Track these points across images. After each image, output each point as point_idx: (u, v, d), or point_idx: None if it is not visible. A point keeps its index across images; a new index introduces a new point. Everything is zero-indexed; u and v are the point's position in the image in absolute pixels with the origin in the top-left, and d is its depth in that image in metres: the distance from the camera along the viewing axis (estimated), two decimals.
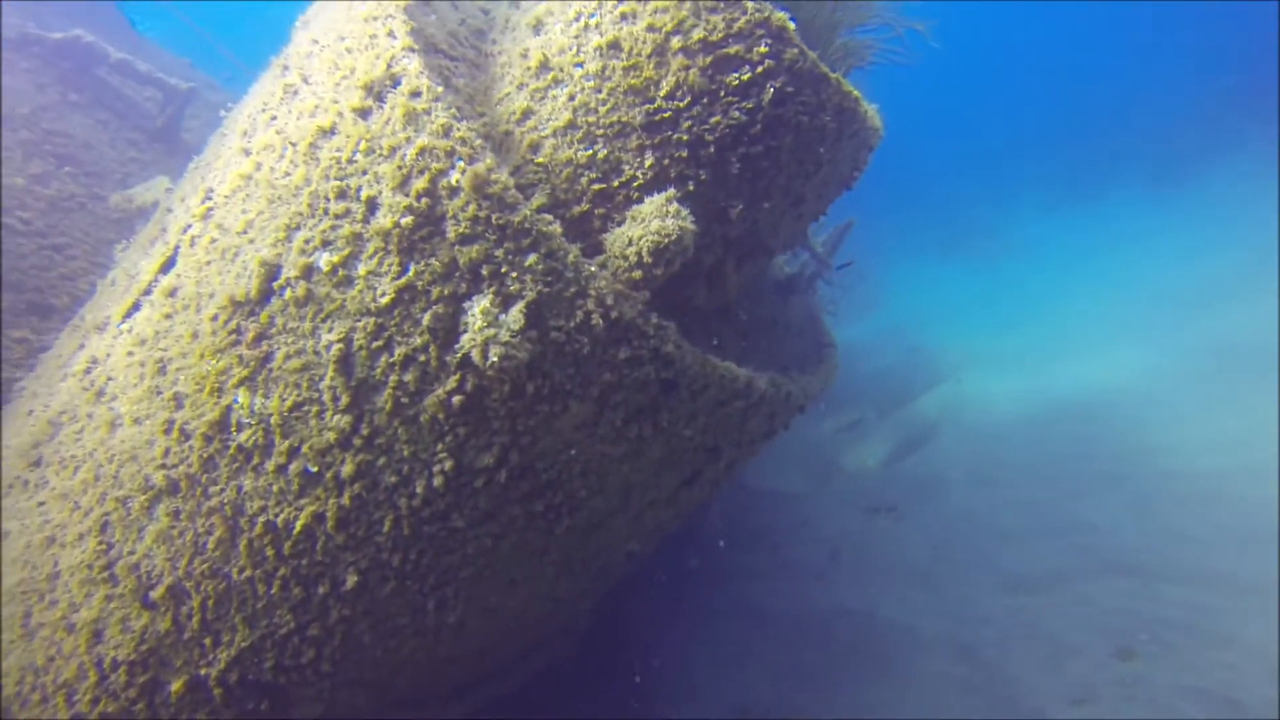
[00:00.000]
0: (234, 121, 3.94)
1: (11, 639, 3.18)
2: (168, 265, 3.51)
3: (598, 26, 2.74)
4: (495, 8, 4.06)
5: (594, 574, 3.68)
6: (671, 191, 2.49)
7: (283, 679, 2.91)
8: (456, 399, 2.46)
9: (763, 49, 2.56)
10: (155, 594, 2.84)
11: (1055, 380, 10.80)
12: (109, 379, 3.31)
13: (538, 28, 3.05)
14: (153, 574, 2.86)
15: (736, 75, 2.59)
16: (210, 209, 3.18)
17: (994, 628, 6.25)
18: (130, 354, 3.21)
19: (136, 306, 3.57)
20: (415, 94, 2.47)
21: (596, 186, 2.75)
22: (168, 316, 3.05)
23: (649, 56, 2.64)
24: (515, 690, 5.16)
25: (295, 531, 2.66)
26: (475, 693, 3.83)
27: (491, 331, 2.26)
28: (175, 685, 2.88)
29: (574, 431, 2.61)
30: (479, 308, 2.31)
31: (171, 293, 3.11)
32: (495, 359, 2.26)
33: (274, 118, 3.09)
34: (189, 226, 3.42)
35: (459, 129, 2.38)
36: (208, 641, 2.84)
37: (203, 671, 2.87)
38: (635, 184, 2.72)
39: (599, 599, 4.80)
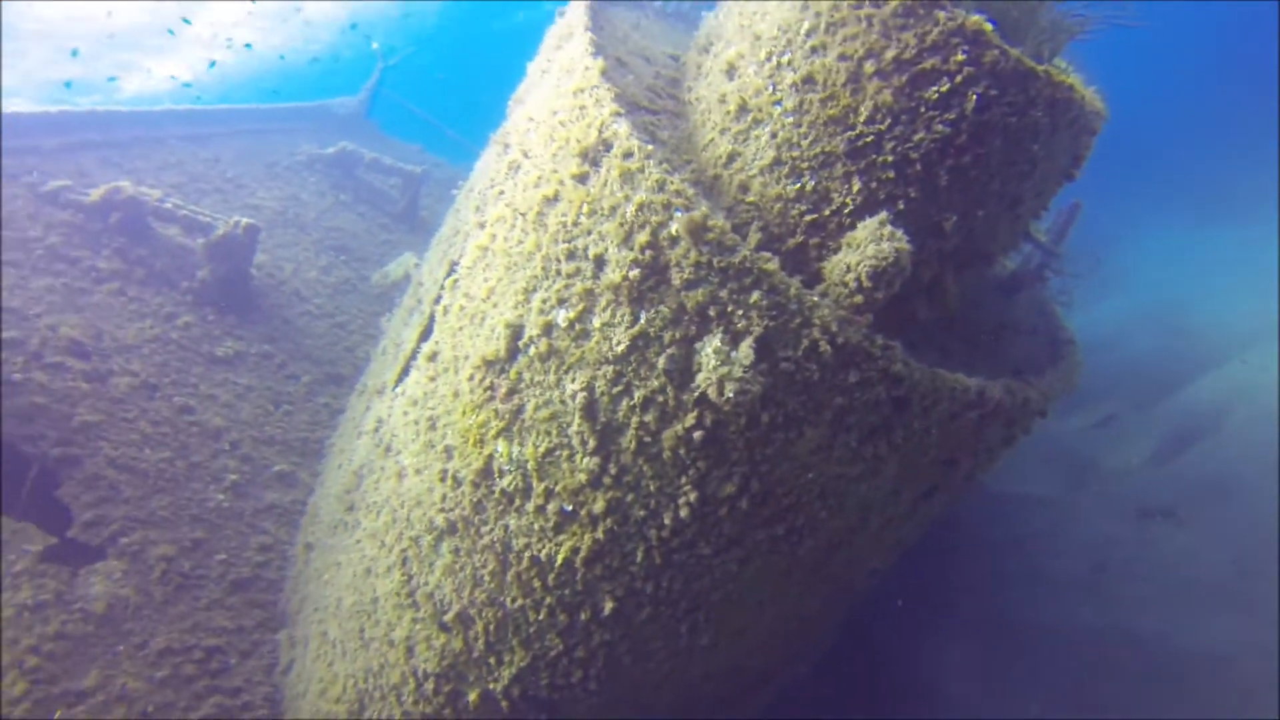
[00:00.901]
0: (465, 197, 4.49)
1: (355, 647, 3.84)
2: (426, 333, 4.07)
3: (790, 64, 2.81)
4: (684, 54, 4.28)
5: (840, 591, 3.68)
6: (884, 215, 2.49)
7: (556, 695, 3.23)
8: (697, 434, 2.61)
9: (960, 57, 2.48)
10: (448, 618, 3.29)
11: None
12: (393, 436, 3.90)
13: (730, 72, 3.19)
14: (445, 601, 3.31)
15: (935, 89, 2.54)
16: (456, 280, 3.66)
17: None
18: (406, 413, 3.77)
19: (406, 371, 4.17)
20: (628, 155, 2.69)
21: (808, 218, 2.81)
22: (432, 379, 3.55)
23: (844, 85, 2.66)
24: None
25: (557, 564, 2.96)
26: (731, 710, 3.96)
27: (725, 369, 2.39)
28: (472, 696, 3.31)
29: (810, 456, 2.67)
30: (711, 347, 2.45)
31: (433, 357, 3.61)
32: (731, 394, 2.38)
33: (502, 192, 3.50)
34: (440, 297, 3.95)
35: (673, 182, 2.56)
36: (492, 660, 3.23)
37: (491, 686, 3.27)
38: (846, 210, 2.74)
39: (845, 615, 4.74)
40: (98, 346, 5.34)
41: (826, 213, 2.77)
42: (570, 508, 2.89)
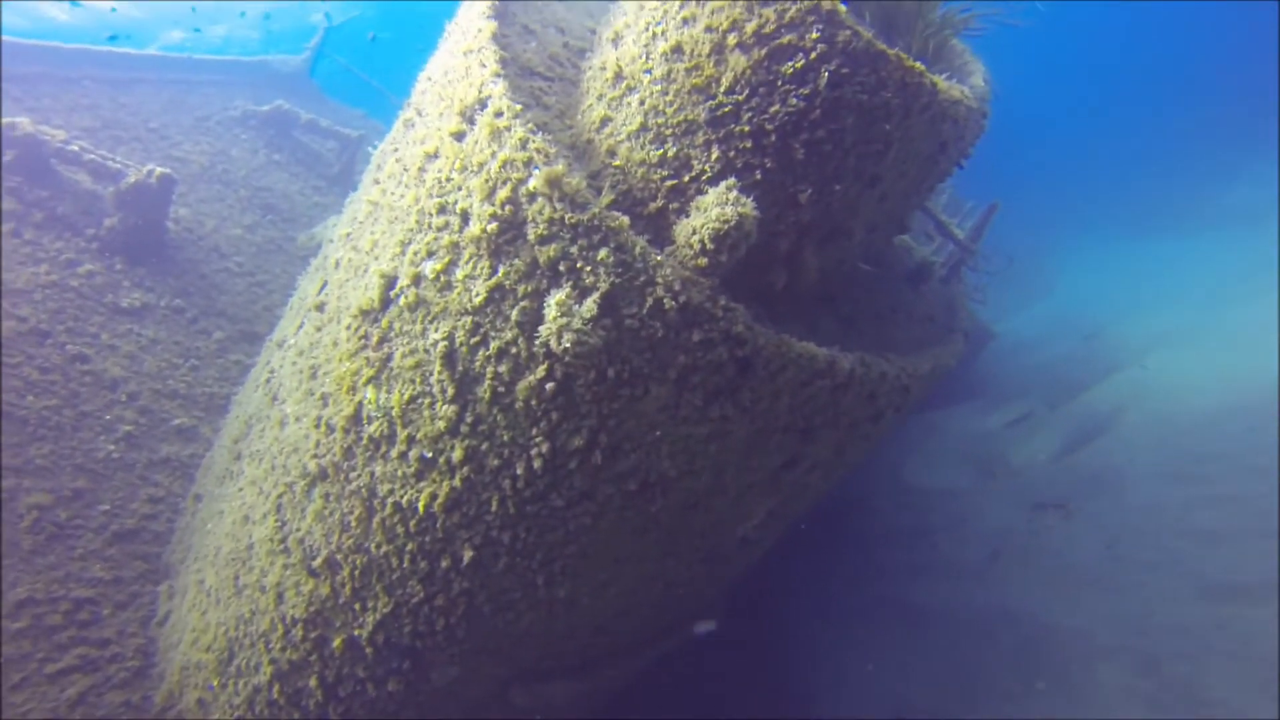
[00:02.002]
0: (375, 157, 4.49)
1: (228, 595, 3.84)
2: (323, 286, 4.07)
3: (663, 33, 2.90)
4: (601, 29, 4.33)
5: (706, 558, 3.79)
6: (731, 180, 2.59)
7: (419, 644, 3.29)
8: (548, 386, 2.70)
9: (814, 35, 2.59)
10: (316, 563, 3.32)
11: (1258, 364, 9.47)
12: (280, 385, 3.90)
13: (616, 40, 3.26)
14: (314, 547, 3.35)
15: (791, 64, 2.65)
16: (349, 234, 3.68)
17: (1190, 640, 5.62)
18: (294, 363, 3.78)
19: (302, 325, 4.17)
20: (499, 114, 2.75)
21: (669, 183, 2.90)
22: (318, 329, 3.57)
23: (708, 55, 2.76)
24: (663, 682, 5.28)
25: (419, 511, 3.02)
26: (605, 668, 4.06)
27: (565, 320, 2.47)
28: (336, 642, 3.36)
29: (657, 413, 2.77)
30: (555, 300, 2.53)
31: (320, 308, 3.63)
32: (569, 344, 2.47)
33: (396, 149, 3.53)
34: (338, 251, 3.96)
35: (535, 141, 2.63)
36: (358, 606, 3.28)
37: (356, 632, 3.32)
38: (704, 177, 2.84)
39: (726, 585, 4.88)
40: None
41: (686, 179, 2.86)
42: (430, 455, 2.95)
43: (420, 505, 3.01)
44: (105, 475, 4.82)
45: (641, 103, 2.93)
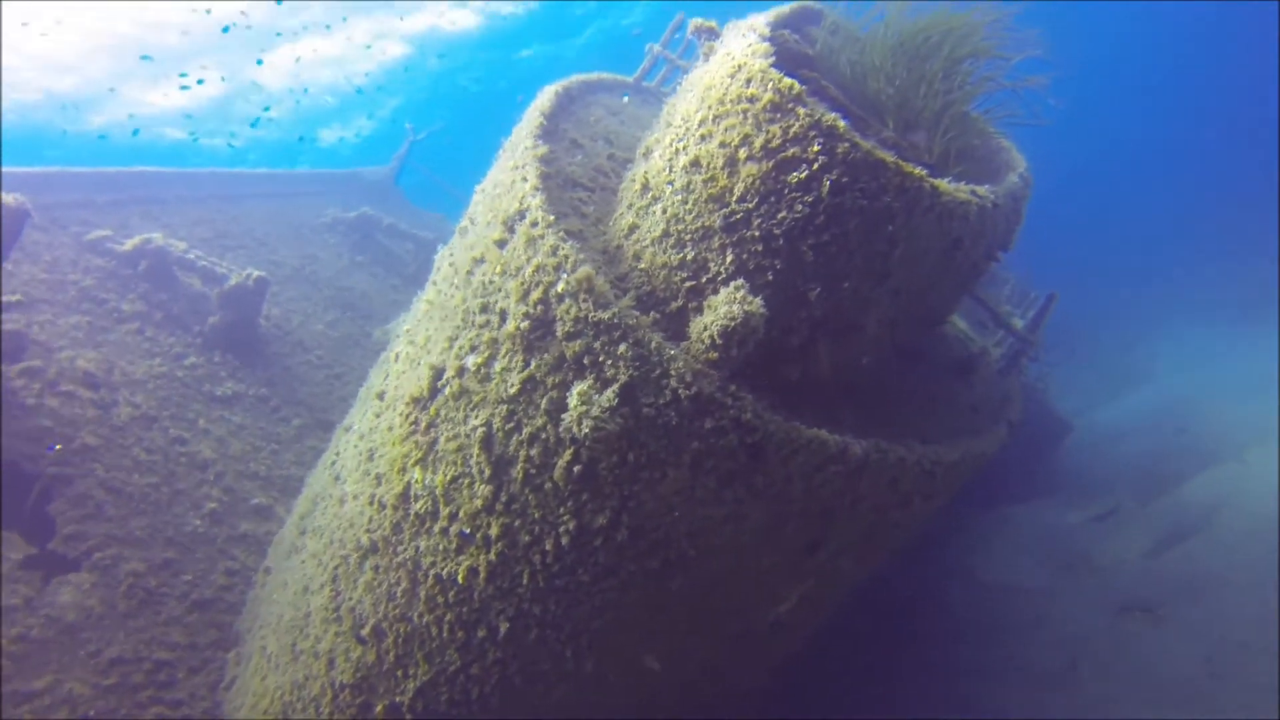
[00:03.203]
0: (437, 261, 4.98)
1: (286, 661, 4.12)
2: (385, 377, 4.48)
3: (684, 149, 3.24)
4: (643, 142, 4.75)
5: (736, 639, 3.84)
6: (740, 281, 2.84)
7: (455, 711, 3.45)
8: (575, 469, 2.93)
9: (815, 148, 2.87)
10: (364, 631, 3.57)
11: None
12: (343, 466, 4.27)
13: (648, 155, 3.63)
14: (363, 615, 3.60)
15: (796, 174, 2.92)
16: (409, 329, 4.09)
17: None
18: (355, 446, 4.15)
19: (366, 411, 4.57)
20: (535, 223, 3.12)
21: (688, 284, 3.18)
22: (377, 415, 3.94)
23: (722, 168, 3.07)
24: None
25: (458, 582, 3.25)
26: None
27: (584, 408, 2.73)
28: (379, 708, 3.56)
29: (675, 495, 2.95)
30: (577, 390, 2.80)
31: (381, 396, 4.01)
32: (588, 430, 2.71)
33: (451, 253, 3.95)
34: (399, 346, 4.38)
35: (564, 248, 2.97)
36: (400, 673, 3.49)
37: (397, 699, 3.51)
38: (720, 279, 3.10)
39: (770, 670, 4.82)
40: (108, 379, 5.87)
41: (704, 280, 3.13)
42: (469, 530, 3.20)
43: (460, 577, 3.24)
44: (190, 548, 5.27)
45: (664, 211, 3.26)
